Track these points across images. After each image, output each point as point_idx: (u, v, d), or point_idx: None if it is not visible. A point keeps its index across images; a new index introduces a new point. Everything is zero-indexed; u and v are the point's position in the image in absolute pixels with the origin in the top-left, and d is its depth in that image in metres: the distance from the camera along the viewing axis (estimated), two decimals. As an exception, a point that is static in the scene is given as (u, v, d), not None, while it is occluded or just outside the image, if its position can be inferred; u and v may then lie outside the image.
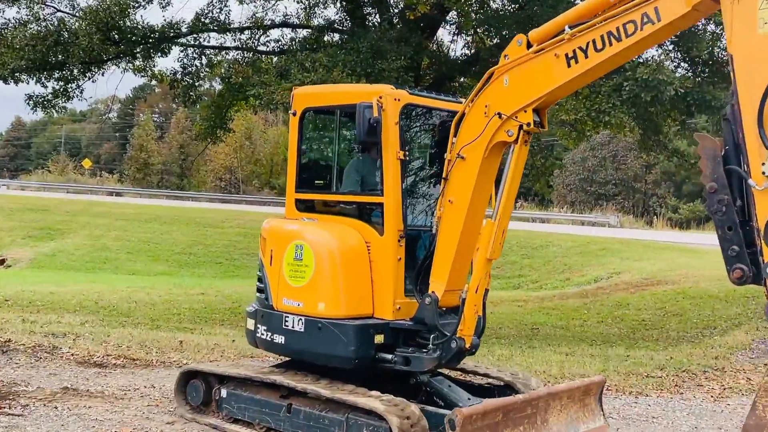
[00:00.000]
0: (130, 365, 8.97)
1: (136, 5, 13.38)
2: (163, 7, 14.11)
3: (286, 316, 6.49)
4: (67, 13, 13.26)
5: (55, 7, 13.46)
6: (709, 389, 9.71)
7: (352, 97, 6.48)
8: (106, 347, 9.66)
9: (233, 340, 11.67)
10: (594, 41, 5.31)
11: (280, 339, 6.57)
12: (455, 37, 15.32)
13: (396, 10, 13.36)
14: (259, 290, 6.79)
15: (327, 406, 6.23)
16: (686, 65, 13.02)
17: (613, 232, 37.28)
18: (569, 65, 5.41)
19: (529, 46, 5.63)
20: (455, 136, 6.00)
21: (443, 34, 15.11)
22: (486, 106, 5.81)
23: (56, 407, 7.23)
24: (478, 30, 14.09)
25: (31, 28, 12.90)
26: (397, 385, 6.37)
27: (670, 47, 13.00)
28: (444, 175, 6.06)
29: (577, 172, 62.75)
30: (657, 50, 12.87)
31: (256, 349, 7.34)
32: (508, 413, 5.74)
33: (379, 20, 13.50)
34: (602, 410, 6.68)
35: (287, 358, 7.03)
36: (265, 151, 63.20)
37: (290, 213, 6.99)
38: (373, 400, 5.86)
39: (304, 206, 6.99)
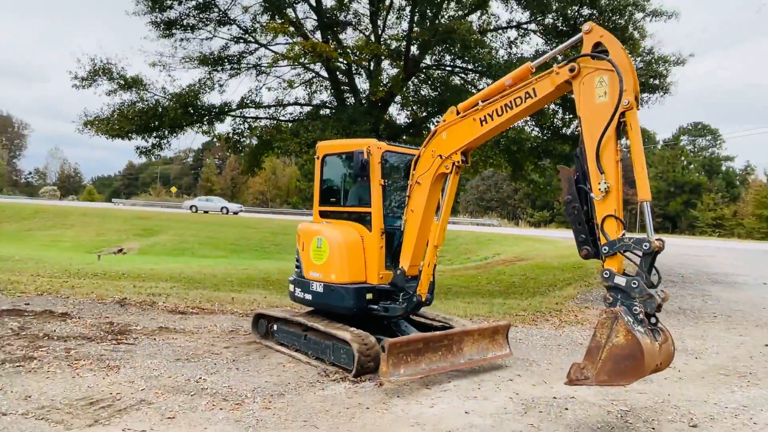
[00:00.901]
0: (201, 313, 9.56)
1: (204, 92, 13.33)
2: (220, 93, 13.97)
3: (311, 283, 6.98)
4: (161, 96, 13.00)
5: (153, 93, 13.29)
6: (553, 322, 10.11)
7: (352, 146, 7.04)
8: (186, 302, 10.12)
9: (265, 297, 11.65)
10: (497, 110, 5.67)
11: (308, 297, 7.05)
12: (400, 111, 15.40)
13: (364, 95, 13.35)
14: (297, 266, 7.37)
15: (323, 336, 6.72)
16: (537, 129, 13.13)
17: (495, 230, 39.27)
18: (482, 125, 5.81)
19: (458, 113, 6.06)
20: (414, 169, 6.45)
21: (393, 109, 15.17)
22: (432, 151, 6.26)
23: (155, 339, 7.68)
24: (413, 107, 14.10)
25: (138, 106, 12.76)
26: (379, 325, 6.87)
27: (528, 118, 13.00)
28: (408, 194, 6.54)
29: (474, 192, 63.50)
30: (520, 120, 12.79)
31: (293, 303, 7.71)
32: (428, 343, 6.13)
33: (354, 101, 13.48)
34: (508, 343, 6.99)
35: (312, 308, 7.42)
36: (283, 181, 63.95)
37: (316, 219, 7.47)
38: (346, 333, 6.37)
39: (325, 215, 7.39)
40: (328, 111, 15.22)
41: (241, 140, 15.75)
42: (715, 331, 9.54)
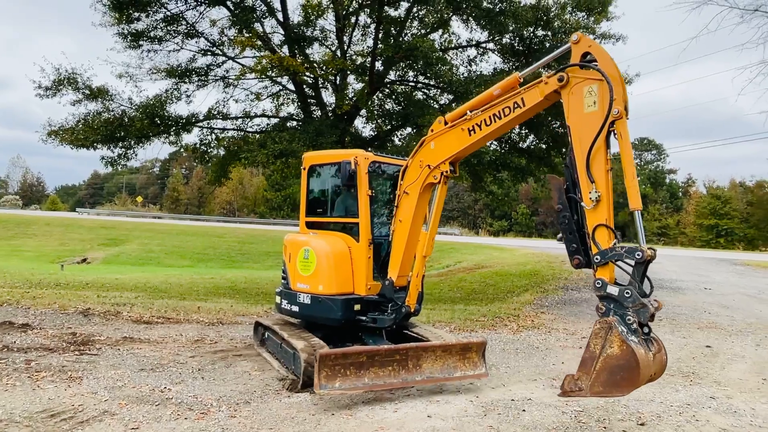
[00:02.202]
0: (167, 322, 9.24)
1: (171, 102, 13.02)
2: (188, 104, 13.72)
3: (298, 294, 6.72)
4: (127, 107, 12.68)
5: (120, 103, 12.94)
6: (511, 327, 10.27)
7: (339, 157, 6.80)
8: (151, 311, 9.76)
9: (231, 306, 11.50)
10: (485, 119, 5.50)
11: (295, 308, 6.77)
12: (365, 124, 15.45)
13: (330, 108, 13.34)
14: (284, 278, 7.08)
15: (289, 344, 6.50)
16: (495, 143, 13.40)
17: (457, 239, 39.35)
18: (470, 135, 5.63)
19: (446, 123, 5.86)
20: (402, 179, 6.24)
21: (359, 122, 15.19)
22: (420, 161, 6.07)
23: (119, 349, 7.47)
24: (378, 120, 14.16)
25: (104, 116, 12.37)
26: (360, 336, 6.75)
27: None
28: (396, 204, 6.33)
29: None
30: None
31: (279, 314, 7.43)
32: (372, 357, 5.63)
33: (320, 114, 13.44)
34: (484, 363, 6.24)
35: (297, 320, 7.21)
36: (251, 191, 62.66)
37: (302, 230, 7.23)
38: (299, 342, 6.22)
39: (311, 225, 7.17)
40: (295, 123, 15.16)
41: (208, 151, 15.48)
42: (661, 333, 9.82)
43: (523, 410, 5.49)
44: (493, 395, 5.99)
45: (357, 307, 6.40)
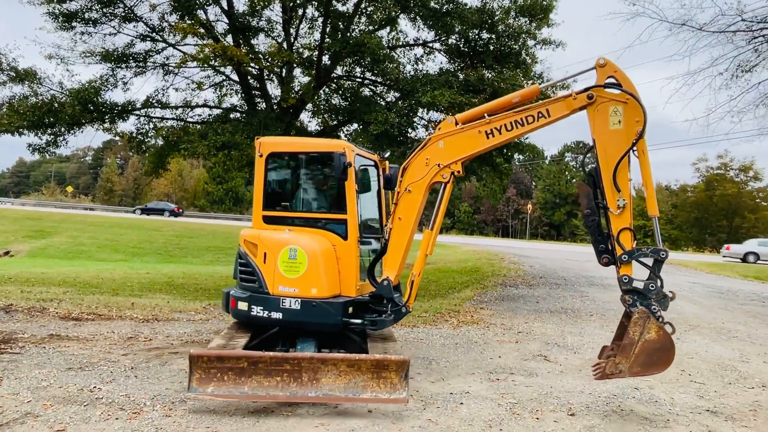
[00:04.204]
0: (97, 319, 8.92)
1: (106, 89, 12.38)
2: (124, 91, 13.09)
3: (283, 299, 5.85)
4: (58, 91, 11.98)
5: (49, 87, 12.21)
6: (451, 323, 10.45)
7: (319, 147, 6.47)
8: (80, 307, 9.38)
9: (168, 302, 11.09)
10: (505, 125, 5.76)
11: (277, 315, 5.85)
12: (311, 119, 15.31)
13: (275, 101, 13.13)
14: (250, 281, 6.07)
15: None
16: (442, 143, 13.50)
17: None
18: (488, 138, 5.83)
19: (456, 123, 5.95)
20: (401, 177, 6.09)
21: (305, 116, 15.03)
22: (427, 159, 6.00)
23: (44, 347, 7.18)
24: (324, 115, 14.06)
25: (31, 100, 11.63)
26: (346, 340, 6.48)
27: (433, 132, 13.35)
28: (394, 201, 6.13)
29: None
30: (425, 132, 13.08)
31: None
32: (255, 363, 5.09)
33: (265, 106, 13.19)
34: (405, 385, 5.16)
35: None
36: (191, 183, 60.51)
37: (258, 225, 6.37)
38: (218, 340, 5.91)
39: (272, 220, 6.36)
40: (238, 115, 14.80)
41: (146, 140, 14.83)
42: (591, 328, 10.27)
43: (461, 403, 5.63)
44: (432, 389, 6.11)
45: (350, 310, 5.95)
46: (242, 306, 6.06)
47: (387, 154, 12.73)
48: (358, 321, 5.97)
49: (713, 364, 7.90)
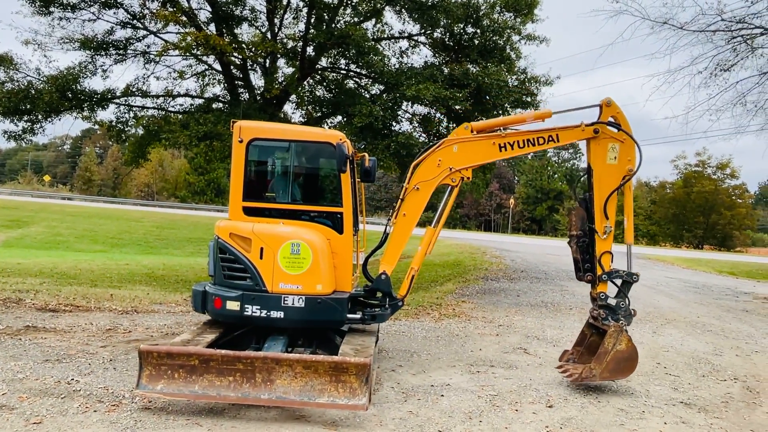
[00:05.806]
0: (75, 310, 8.73)
1: (85, 76, 12.11)
2: (104, 79, 12.83)
3: (285, 297, 5.58)
4: (35, 78, 11.70)
5: (26, 73, 11.90)
6: (433, 315, 10.53)
7: (314, 136, 6.24)
8: (58, 299, 9.15)
9: (147, 293, 10.89)
10: (518, 141, 6.23)
11: (278, 314, 5.56)
12: (295, 110, 15.19)
13: (259, 92, 12.99)
14: (243, 278, 5.67)
15: None
16: (424, 136, 13.56)
17: (383, 228, 37.67)
18: (500, 150, 6.28)
19: (472, 131, 6.28)
20: (411, 174, 6.30)
21: (288, 107, 14.92)
22: (439, 160, 6.24)
23: (20, 339, 7.07)
24: (308, 107, 13.98)
25: (7, 86, 11.34)
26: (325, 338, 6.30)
27: (416, 124, 13.36)
28: (401, 197, 6.29)
29: (366, 193, 63.91)
30: (409, 125, 13.06)
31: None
32: (207, 362, 4.82)
33: (248, 97, 13.05)
34: (366, 391, 4.76)
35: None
36: (171, 174, 59.72)
37: (237, 216, 5.94)
38: (185, 335, 5.71)
39: (254, 212, 5.95)
40: (221, 105, 14.64)
41: (126, 129, 14.60)
42: (570, 321, 10.45)
43: (442, 395, 5.68)
44: (413, 381, 6.16)
45: (349, 305, 5.91)
46: (232, 306, 5.63)
47: (362, 146, 12.70)
48: (357, 316, 5.96)
49: (688, 357, 8.06)
